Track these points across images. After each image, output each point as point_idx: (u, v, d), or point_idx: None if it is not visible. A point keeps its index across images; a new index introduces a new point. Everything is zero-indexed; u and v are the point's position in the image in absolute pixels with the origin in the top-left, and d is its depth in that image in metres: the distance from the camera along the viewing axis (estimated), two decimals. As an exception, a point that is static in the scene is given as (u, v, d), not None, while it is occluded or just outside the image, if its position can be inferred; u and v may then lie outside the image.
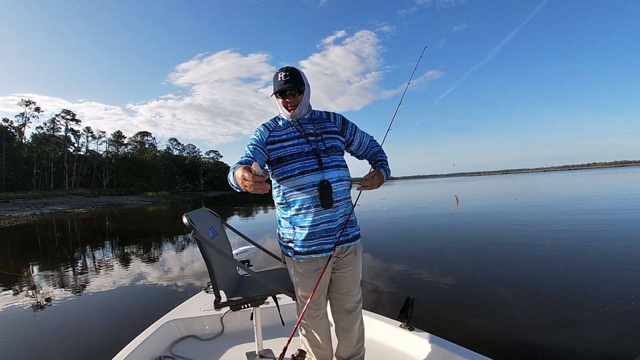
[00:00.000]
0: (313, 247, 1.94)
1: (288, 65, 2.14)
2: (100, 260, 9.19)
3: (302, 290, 2.03)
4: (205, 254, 2.78)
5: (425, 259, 7.37)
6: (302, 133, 2.01)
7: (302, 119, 2.06)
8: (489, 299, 4.82)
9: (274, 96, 2.04)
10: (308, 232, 1.92)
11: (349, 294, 2.10)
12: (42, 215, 28.13)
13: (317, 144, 1.99)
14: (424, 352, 2.30)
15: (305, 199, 1.91)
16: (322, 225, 1.93)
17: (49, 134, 67.70)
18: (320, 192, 1.90)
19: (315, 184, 1.90)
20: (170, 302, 4.80)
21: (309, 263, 1.97)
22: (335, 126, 2.13)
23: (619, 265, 5.97)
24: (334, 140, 2.07)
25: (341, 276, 2.06)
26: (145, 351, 2.45)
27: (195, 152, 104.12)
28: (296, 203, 1.93)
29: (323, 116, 2.15)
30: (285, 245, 2.03)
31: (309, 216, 1.91)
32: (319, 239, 1.93)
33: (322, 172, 1.92)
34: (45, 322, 4.80)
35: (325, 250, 1.95)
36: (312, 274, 1.98)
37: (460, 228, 11.49)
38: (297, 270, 2.01)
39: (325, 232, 1.94)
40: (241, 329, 2.92)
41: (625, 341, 3.50)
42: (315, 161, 1.94)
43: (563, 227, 10.28)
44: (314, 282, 1.96)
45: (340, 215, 1.98)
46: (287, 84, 1.95)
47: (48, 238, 14.89)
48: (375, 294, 5.18)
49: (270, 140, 2.00)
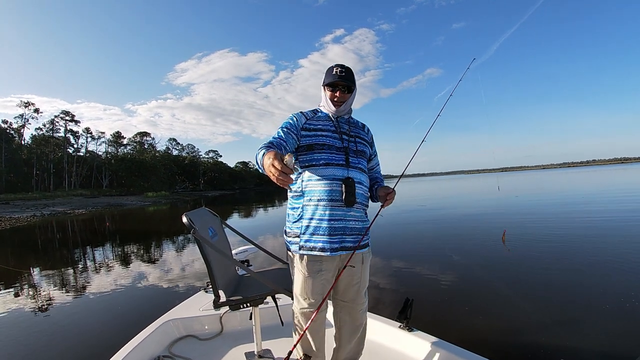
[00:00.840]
0: (319, 243, 1.87)
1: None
2: (100, 261, 9.19)
3: (301, 291, 1.95)
4: (204, 253, 2.78)
5: (424, 259, 7.36)
6: (337, 129, 2.03)
7: (341, 118, 2.09)
8: (489, 298, 4.82)
9: (321, 88, 2.07)
10: (316, 226, 1.87)
11: (355, 302, 2.05)
12: (43, 216, 28.08)
13: (349, 143, 2.02)
14: (423, 353, 2.30)
15: (323, 190, 1.87)
16: (333, 222, 1.87)
17: (48, 135, 67.61)
18: (345, 188, 1.88)
19: (338, 178, 1.89)
20: (169, 302, 4.79)
21: (313, 263, 1.90)
22: (367, 137, 2.17)
23: (619, 263, 5.97)
24: (365, 147, 2.10)
25: (347, 283, 2.01)
26: (144, 351, 2.45)
27: (194, 152, 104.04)
28: (312, 193, 1.89)
29: (359, 124, 2.19)
30: (291, 241, 1.98)
31: (320, 209, 1.87)
32: (327, 236, 1.87)
33: (348, 169, 1.93)
34: (45, 321, 4.80)
35: (331, 250, 1.87)
36: (316, 275, 1.91)
37: (460, 226, 11.51)
38: (299, 269, 1.94)
39: (334, 231, 1.87)
40: (240, 328, 2.92)
41: (627, 340, 3.50)
42: (344, 157, 1.95)
43: (563, 224, 10.29)
44: (317, 284, 1.91)
45: (353, 218, 1.93)
46: (342, 79, 1.97)
47: (49, 239, 14.87)
48: (374, 294, 5.17)
49: (305, 127, 1.99)
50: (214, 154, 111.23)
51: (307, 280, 1.92)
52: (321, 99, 2.11)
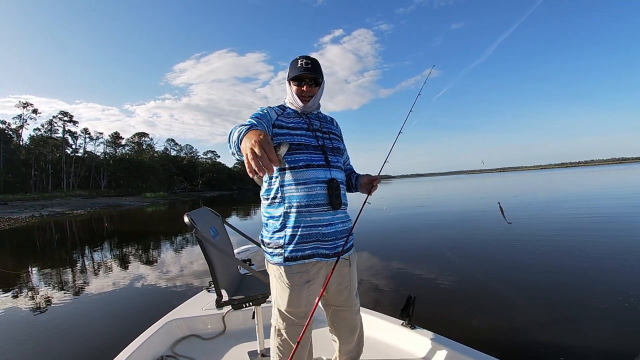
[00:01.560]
0: (307, 251, 1.72)
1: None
2: (102, 262, 9.17)
3: (288, 306, 1.76)
4: (206, 253, 2.79)
5: (425, 258, 7.37)
6: (310, 126, 1.86)
7: (311, 114, 1.93)
8: (490, 297, 4.83)
9: (286, 83, 1.90)
10: (302, 234, 1.71)
11: (347, 305, 1.97)
12: (41, 217, 28.04)
13: (324, 141, 1.87)
14: (425, 351, 2.31)
15: (305, 195, 1.71)
16: (320, 228, 1.73)
17: (47, 136, 67.50)
18: (329, 191, 1.75)
19: (321, 181, 1.74)
20: (172, 302, 4.80)
21: (300, 274, 1.73)
22: (338, 131, 2.06)
23: (617, 262, 6.00)
24: (339, 142, 1.98)
25: (337, 288, 1.91)
26: (148, 350, 2.46)
27: (192, 152, 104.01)
28: (293, 199, 1.72)
29: (328, 119, 2.05)
30: (272, 252, 1.77)
31: (305, 215, 1.71)
32: (314, 242, 1.73)
33: (330, 170, 1.79)
34: (48, 322, 4.80)
35: (319, 255, 1.75)
36: (303, 286, 1.74)
37: (460, 227, 11.51)
38: (285, 283, 1.74)
39: (322, 236, 1.74)
40: (243, 328, 2.93)
41: (625, 338, 3.51)
42: (322, 157, 1.80)
43: (562, 224, 10.30)
44: (305, 296, 1.76)
45: (339, 221, 1.81)
46: (308, 71, 1.80)
47: (49, 240, 14.85)
48: (376, 292, 5.19)
49: (277, 124, 1.78)
50: (212, 154, 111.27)
51: (295, 293, 1.74)
52: (286, 95, 1.94)
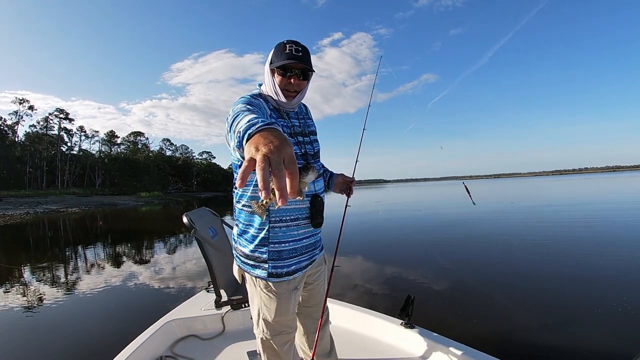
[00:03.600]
0: (292, 266, 1.61)
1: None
2: (99, 261, 9.13)
3: (277, 314, 1.63)
4: (205, 253, 2.79)
5: (423, 259, 7.43)
6: (291, 130, 1.63)
7: (291, 112, 1.67)
8: (488, 298, 4.87)
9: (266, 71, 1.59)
10: (288, 249, 1.59)
11: (319, 306, 1.90)
12: (36, 214, 27.93)
13: (307, 146, 1.68)
14: (424, 350, 2.32)
15: (291, 210, 1.57)
16: (305, 240, 1.64)
17: (42, 133, 67.23)
18: (312, 209, 1.61)
19: (307, 195, 1.61)
20: (171, 302, 4.79)
21: (287, 283, 1.62)
22: (313, 124, 1.80)
23: (612, 267, 6.05)
24: (318, 144, 1.77)
25: (313, 289, 1.84)
26: (147, 351, 2.45)
27: (188, 152, 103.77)
28: (280, 213, 1.56)
29: (303, 110, 1.78)
30: (254, 265, 1.60)
31: (292, 230, 1.58)
32: (298, 257, 1.63)
33: (314, 182, 1.64)
34: (47, 322, 4.78)
35: (302, 269, 1.66)
36: (291, 293, 1.65)
37: (457, 230, 11.54)
38: (270, 294, 1.61)
39: (305, 249, 1.65)
40: (242, 328, 2.92)
41: (620, 341, 3.54)
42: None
43: (559, 230, 10.36)
44: (293, 303, 1.68)
45: (318, 231, 1.72)
46: (298, 59, 1.49)
47: (44, 237, 14.77)
48: (375, 292, 5.20)
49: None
50: (208, 155, 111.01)
51: (283, 301, 1.63)
52: (263, 85, 1.64)
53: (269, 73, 1.56)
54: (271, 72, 1.55)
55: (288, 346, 1.72)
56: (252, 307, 1.72)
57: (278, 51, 1.52)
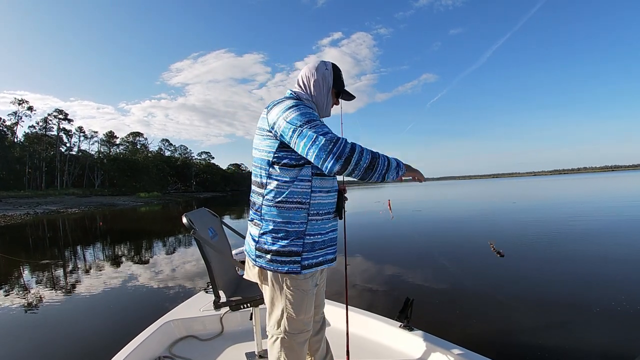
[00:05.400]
0: (320, 257, 1.69)
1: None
2: (98, 261, 9.13)
3: (304, 311, 1.71)
4: (204, 254, 2.78)
5: (423, 260, 7.43)
6: None
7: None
8: (489, 300, 4.86)
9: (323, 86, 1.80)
10: (320, 241, 1.69)
11: (320, 306, 1.97)
12: (36, 214, 27.92)
13: None
14: (423, 353, 2.32)
15: (330, 203, 1.73)
16: (331, 233, 1.75)
17: (41, 133, 67.23)
18: (339, 201, 1.77)
19: (336, 189, 1.77)
20: (169, 303, 4.79)
21: (311, 279, 1.71)
22: None
23: (611, 266, 6.06)
24: None
25: (319, 289, 1.90)
26: (145, 351, 2.45)
27: (187, 153, 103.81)
28: (320, 206, 1.68)
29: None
30: (285, 261, 1.63)
31: (324, 223, 1.71)
32: (325, 249, 1.72)
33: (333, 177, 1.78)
34: (46, 322, 4.78)
35: (328, 262, 1.75)
36: (313, 289, 1.73)
37: (458, 231, 11.56)
38: (300, 290, 1.67)
39: (331, 242, 1.76)
40: (241, 329, 2.93)
41: (620, 342, 3.55)
42: None
43: (558, 229, 10.36)
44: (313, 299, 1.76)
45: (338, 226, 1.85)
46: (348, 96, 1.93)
47: (44, 237, 14.79)
48: (373, 294, 5.19)
49: None
50: (207, 155, 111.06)
51: (309, 298, 1.71)
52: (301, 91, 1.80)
53: (324, 87, 1.81)
54: (331, 92, 1.84)
55: (305, 345, 1.79)
56: (273, 308, 1.74)
57: (337, 76, 1.84)
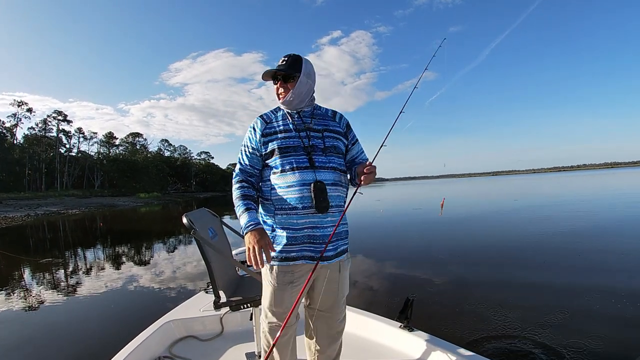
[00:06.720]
0: (293, 253, 1.72)
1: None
2: (98, 262, 9.13)
3: (270, 304, 1.82)
4: (204, 254, 2.78)
5: (424, 261, 7.41)
6: (296, 126, 1.82)
7: (303, 112, 1.87)
8: (490, 300, 4.83)
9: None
10: (289, 236, 1.72)
11: (333, 312, 1.91)
12: (37, 216, 27.90)
13: (315, 140, 1.81)
14: (424, 353, 2.31)
15: (293, 198, 1.71)
16: (307, 230, 1.72)
17: (41, 135, 67.20)
18: (315, 194, 1.70)
19: (307, 183, 1.71)
20: (169, 303, 4.79)
21: (284, 273, 1.75)
22: (339, 126, 1.93)
23: (611, 265, 6.06)
24: (336, 141, 1.87)
25: (325, 293, 1.83)
26: (145, 351, 2.45)
27: (186, 153, 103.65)
28: (282, 202, 1.73)
29: (328, 114, 1.96)
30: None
31: (292, 218, 1.71)
32: (300, 244, 1.72)
33: (315, 171, 1.74)
34: (46, 322, 4.79)
35: (305, 258, 1.73)
36: (286, 286, 1.76)
37: (458, 230, 11.54)
38: (269, 281, 1.79)
39: (308, 239, 1.72)
40: (241, 329, 2.92)
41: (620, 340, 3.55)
42: (307, 159, 1.75)
43: (560, 229, 10.36)
44: (287, 297, 1.77)
45: (329, 224, 1.75)
46: (278, 68, 1.81)
47: (46, 238, 14.83)
48: (374, 293, 5.20)
49: (266, 132, 1.81)
50: (206, 155, 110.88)
51: (277, 292, 1.77)
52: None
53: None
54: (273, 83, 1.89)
55: (283, 339, 1.81)
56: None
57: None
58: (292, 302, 1.76)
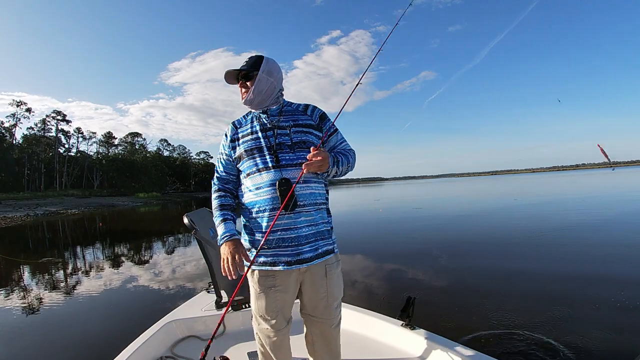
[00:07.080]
0: (269, 257, 1.70)
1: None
2: (99, 262, 9.14)
3: (256, 309, 1.81)
4: (206, 254, 2.79)
5: (425, 259, 7.42)
6: (262, 126, 1.80)
7: (270, 111, 1.82)
8: (491, 298, 4.84)
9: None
10: (259, 240, 1.70)
11: (324, 318, 1.85)
12: (36, 216, 27.89)
13: (282, 138, 1.76)
14: (425, 352, 2.31)
15: (262, 200, 1.70)
16: (279, 232, 1.67)
17: (40, 135, 67.13)
18: (280, 193, 1.67)
19: (273, 183, 1.68)
20: (171, 303, 4.79)
21: (265, 278, 1.73)
22: (310, 119, 1.86)
23: (608, 263, 6.07)
24: (306, 135, 1.80)
25: (313, 298, 1.81)
26: (147, 351, 2.45)
27: (185, 153, 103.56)
28: (253, 205, 1.74)
29: (299, 109, 1.89)
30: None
31: (264, 220, 1.70)
32: (275, 249, 1.69)
33: (281, 170, 1.70)
34: (47, 322, 4.79)
35: (282, 263, 1.69)
36: (268, 290, 1.74)
37: (459, 229, 11.58)
38: (251, 286, 1.79)
39: (282, 242, 1.68)
40: (243, 329, 2.92)
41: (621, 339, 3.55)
42: (273, 158, 1.71)
43: (561, 228, 10.37)
44: (271, 301, 1.75)
45: (304, 224, 1.71)
46: (240, 67, 1.81)
47: (46, 238, 14.81)
48: (375, 292, 5.19)
49: (234, 137, 1.84)
50: (205, 155, 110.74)
51: (260, 296, 1.76)
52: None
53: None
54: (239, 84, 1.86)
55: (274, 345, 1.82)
56: None
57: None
58: (277, 306, 1.75)
